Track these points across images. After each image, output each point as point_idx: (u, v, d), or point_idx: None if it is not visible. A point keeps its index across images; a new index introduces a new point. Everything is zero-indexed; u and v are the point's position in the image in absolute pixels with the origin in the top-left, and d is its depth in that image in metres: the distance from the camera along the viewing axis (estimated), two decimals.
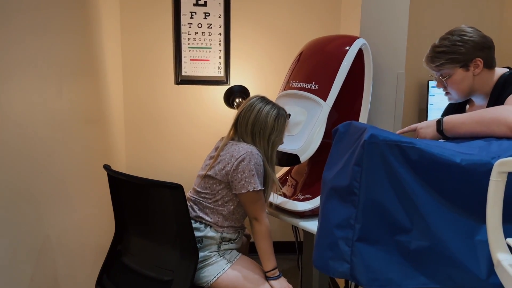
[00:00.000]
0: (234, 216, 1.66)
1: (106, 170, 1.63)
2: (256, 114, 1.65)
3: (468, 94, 1.51)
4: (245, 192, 1.58)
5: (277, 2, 2.86)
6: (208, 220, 1.63)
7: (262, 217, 1.64)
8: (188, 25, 2.80)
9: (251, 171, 1.57)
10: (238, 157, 1.57)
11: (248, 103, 1.69)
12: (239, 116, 1.69)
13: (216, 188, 1.62)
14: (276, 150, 1.71)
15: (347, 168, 1.13)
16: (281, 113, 1.69)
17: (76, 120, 1.85)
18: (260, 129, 1.64)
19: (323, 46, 1.90)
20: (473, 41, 1.42)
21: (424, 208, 1.06)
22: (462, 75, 1.46)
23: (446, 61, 1.45)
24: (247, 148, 1.60)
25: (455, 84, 1.48)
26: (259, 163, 1.60)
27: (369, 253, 1.08)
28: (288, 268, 2.86)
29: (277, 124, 1.66)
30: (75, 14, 1.86)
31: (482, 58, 1.43)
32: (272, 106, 1.68)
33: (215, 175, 1.61)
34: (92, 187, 2.05)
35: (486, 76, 1.46)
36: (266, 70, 2.91)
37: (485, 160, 1.05)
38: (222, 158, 1.63)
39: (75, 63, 1.85)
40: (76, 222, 1.83)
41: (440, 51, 1.47)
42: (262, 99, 1.70)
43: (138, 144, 2.89)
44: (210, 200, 1.64)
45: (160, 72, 2.84)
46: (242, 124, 1.67)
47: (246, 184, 1.57)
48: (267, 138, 1.66)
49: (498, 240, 0.82)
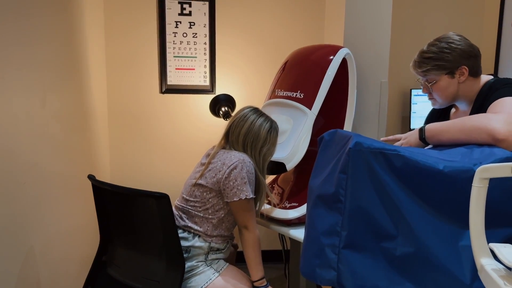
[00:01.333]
0: (224, 225, 1.65)
1: (90, 180, 1.61)
2: (249, 126, 1.65)
3: (452, 100, 1.54)
4: (237, 200, 1.57)
5: (262, 11, 2.88)
6: (197, 230, 1.62)
7: (252, 225, 1.63)
8: (173, 34, 2.80)
9: (243, 179, 1.57)
10: (230, 165, 1.57)
11: (241, 114, 1.69)
12: (231, 126, 1.69)
13: (206, 196, 1.61)
14: (267, 162, 1.72)
15: (332, 176, 1.14)
16: (274, 126, 1.70)
17: (60, 129, 1.83)
18: (253, 140, 1.65)
19: (308, 56, 1.92)
20: (460, 49, 1.44)
21: (409, 215, 1.07)
22: (448, 82, 1.48)
23: (433, 67, 1.47)
24: (239, 156, 1.60)
25: (440, 90, 1.51)
26: (251, 171, 1.61)
27: (356, 260, 1.09)
28: (275, 276, 2.85)
29: (269, 137, 1.67)
30: (58, 24, 1.85)
31: (468, 66, 1.45)
32: (266, 118, 1.69)
33: (206, 183, 1.61)
34: (76, 196, 2.02)
35: (471, 84, 1.49)
36: (252, 79, 2.92)
37: (467, 166, 1.07)
38: (213, 165, 1.62)
39: (59, 72, 1.84)
40: (60, 232, 1.81)
41: (427, 57, 1.49)
42: (255, 110, 1.71)
43: (123, 153, 2.87)
44: (200, 208, 1.63)
45: (145, 81, 2.83)
46: (234, 134, 1.67)
47: (238, 192, 1.56)
48: (258, 150, 1.66)
49: (481, 245, 0.84)
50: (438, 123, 1.41)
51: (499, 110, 1.27)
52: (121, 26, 2.76)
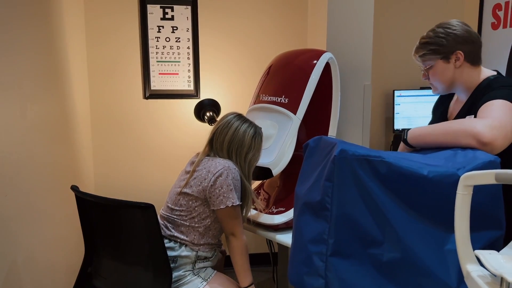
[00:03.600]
0: (211, 232, 1.64)
1: (73, 191, 1.58)
2: (233, 132, 1.64)
3: (450, 86, 1.53)
4: (223, 207, 1.56)
5: (245, 16, 2.87)
6: (183, 239, 1.60)
7: (239, 232, 1.63)
8: (155, 39, 2.77)
9: (229, 186, 1.56)
10: (215, 172, 1.56)
11: (225, 120, 1.68)
12: (215, 133, 1.68)
13: (192, 205, 1.60)
14: (253, 168, 1.71)
15: (318, 184, 1.14)
16: (258, 132, 1.69)
17: (42, 139, 1.80)
18: (237, 147, 1.64)
19: (292, 60, 1.92)
20: (455, 34, 1.45)
21: (394, 221, 1.08)
22: (443, 66, 1.49)
23: (428, 51, 1.49)
24: (224, 163, 1.59)
25: (436, 75, 1.51)
26: (237, 177, 1.60)
27: (343, 267, 1.09)
28: (263, 280, 2.85)
29: (254, 143, 1.66)
30: (38, 31, 1.82)
31: (464, 52, 1.45)
32: (250, 124, 1.67)
33: (192, 192, 1.59)
34: (60, 207, 1.99)
35: (468, 71, 1.49)
36: (237, 83, 2.91)
37: (451, 171, 1.08)
38: (198, 173, 1.60)
39: (39, 80, 1.80)
40: (44, 244, 1.77)
41: (424, 42, 1.51)
42: (239, 117, 1.69)
43: (107, 161, 2.83)
44: (186, 217, 1.61)
45: (128, 87, 2.80)
46: (218, 141, 1.66)
47: (225, 199, 1.55)
48: (244, 157, 1.65)
49: (467, 251, 0.84)
50: (422, 126, 1.42)
51: (486, 115, 1.28)
52: (102, 31, 2.73)
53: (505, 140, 1.22)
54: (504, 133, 1.21)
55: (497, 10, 2.74)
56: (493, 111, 1.28)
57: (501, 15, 2.71)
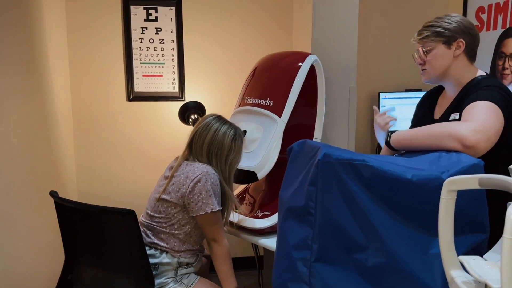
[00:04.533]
0: (192, 239, 1.61)
1: (52, 197, 1.54)
2: (213, 135, 1.61)
3: (443, 75, 1.52)
4: (202, 214, 1.53)
5: (231, 17, 2.85)
6: (164, 246, 1.57)
7: (221, 238, 1.60)
8: (139, 40, 2.74)
9: (208, 192, 1.53)
10: (194, 178, 1.53)
11: (204, 122, 1.64)
12: (194, 136, 1.64)
13: (171, 211, 1.57)
14: (234, 170, 1.68)
15: (302, 188, 1.12)
16: (238, 133, 1.66)
17: (20, 144, 1.75)
18: (217, 150, 1.61)
19: (277, 62, 1.91)
20: (461, 22, 1.48)
21: (378, 225, 1.07)
22: (443, 51, 1.48)
23: (432, 33, 1.49)
24: (203, 168, 1.56)
25: (434, 59, 1.50)
26: (216, 182, 1.57)
27: (327, 273, 1.08)
28: (249, 284, 2.82)
29: (234, 145, 1.63)
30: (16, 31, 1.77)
31: (466, 42, 1.47)
32: (229, 126, 1.64)
33: (170, 198, 1.56)
34: (40, 213, 1.94)
35: (463, 65, 1.49)
36: (222, 85, 2.89)
37: (435, 175, 1.08)
38: (176, 179, 1.57)
39: (18, 84, 1.75)
40: (23, 251, 1.72)
41: (428, 25, 1.52)
42: (218, 118, 1.66)
43: (90, 164, 2.78)
44: (165, 224, 1.58)
45: (111, 89, 2.75)
46: (198, 144, 1.62)
47: (204, 205, 1.52)
48: (224, 159, 1.62)
49: (451, 257, 0.83)
50: (406, 130, 1.42)
51: (470, 117, 1.28)
52: (85, 33, 2.68)
53: (488, 143, 1.22)
54: (487, 136, 1.22)
55: (480, 13, 2.77)
56: (477, 113, 1.28)
57: (484, 18, 2.74)
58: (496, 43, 2.64)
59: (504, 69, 2.60)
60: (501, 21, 2.60)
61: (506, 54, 2.57)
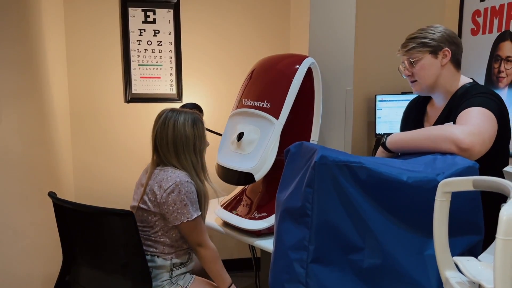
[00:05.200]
0: (181, 240, 1.60)
1: (51, 198, 1.54)
2: (173, 129, 1.56)
3: (432, 85, 1.53)
4: (179, 223, 1.51)
5: (228, 20, 2.87)
6: (154, 251, 1.56)
7: (205, 241, 1.57)
8: (137, 42, 2.74)
9: (182, 202, 1.49)
10: (167, 189, 1.49)
11: (160, 121, 1.59)
12: (156, 139, 1.59)
13: (152, 220, 1.55)
14: (204, 155, 1.64)
15: (299, 190, 1.13)
16: (197, 117, 1.61)
17: (18, 144, 1.75)
18: (183, 143, 1.56)
19: (274, 65, 1.92)
20: (444, 32, 1.50)
21: (375, 227, 1.08)
22: (431, 61, 1.49)
23: (418, 44, 1.50)
24: (175, 177, 1.51)
25: (423, 69, 1.51)
26: (190, 190, 1.52)
27: (324, 274, 1.09)
28: (246, 285, 2.83)
29: (197, 131, 1.59)
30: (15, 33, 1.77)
31: (451, 51, 1.48)
32: (185, 114, 1.59)
33: (148, 208, 1.54)
34: (38, 213, 1.94)
35: (450, 74, 1.51)
36: (220, 87, 2.90)
37: (431, 177, 1.09)
38: (150, 187, 1.54)
39: (16, 84, 1.76)
40: (21, 251, 1.72)
41: (413, 37, 1.52)
42: (171, 111, 1.61)
43: (87, 165, 2.78)
44: (149, 232, 1.56)
45: (108, 90, 2.76)
46: (163, 145, 1.57)
47: (179, 215, 1.50)
48: (192, 150, 1.58)
49: (445, 258, 0.84)
50: (402, 132, 1.43)
51: (465, 122, 1.30)
52: (83, 34, 2.68)
53: (482, 146, 1.24)
54: (482, 140, 1.24)
55: (477, 17, 2.79)
56: (472, 118, 1.30)
57: (480, 22, 2.76)
58: (492, 47, 2.66)
59: (499, 72, 2.62)
60: (497, 25, 2.63)
61: (502, 57, 2.59)
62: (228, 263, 3.05)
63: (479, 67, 2.73)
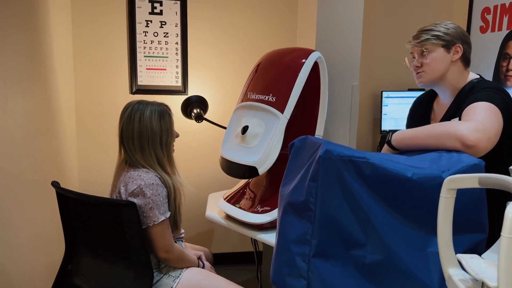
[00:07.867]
0: None
1: (54, 188, 1.55)
2: (139, 122, 1.50)
3: (438, 79, 1.52)
4: (145, 227, 1.46)
5: (235, 12, 2.85)
6: None
7: (172, 246, 1.52)
8: (143, 33, 2.74)
9: (147, 205, 1.44)
10: (131, 192, 1.45)
11: (126, 113, 1.53)
12: (122, 132, 1.53)
13: None
14: (172, 149, 1.59)
15: (303, 184, 1.13)
16: (164, 109, 1.55)
17: (23, 134, 1.76)
18: (148, 137, 1.50)
19: (280, 59, 1.91)
20: (458, 29, 1.51)
21: (378, 222, 1.07)
22: (443, 54, 1.49)
23: (432, 36, 1.49)
24: (139, 180, 1.46)
25: (434, 61, 1.50)
26: (156, 193, 1.46)
27: (326, 268, 1.08)
28: (247, 279, 2.84)
29: (164, 124, 1.53)
30: (22, 24, 1.77)
31: (463, 48, 1.49)
32: (152, 106, 1.54)
33: None
34: (42, 203, 1.95)
35: (459, 70, 1.51)
36: (225, 79, 2.89)
37: (436, 173, 1.08)
38: (117, 188, 1.51)
39: (23, 75, 1.76)
40: (24, 241, 1.73)
41: (427, 29, 1.52)
42: (138, 103, 1.56)
43: (92, 156, 2.79)
44: None
45: (114, 81, 2.76)
46: (129, 139, 1.51)
47: (145, 219, 1.45)
48: (158, 143, 1.52)
49: (449, 255, 0.84)
50: (407, 130, 1.42)
51: (470, 117, 1.29)
52: (89, 25, 2.68)
53: (488, 143, 1.23)
54: (487, 136, 1.22)
55: (486, 14, 2.76)
56: (477, 114, 1.29)
57: (489, 19, 2.73)
58: (501, 45, 2.63)
59: (508, 70, 2.59)
60: (507, 22, 2.60)
61: (511, 55, 2.56)
62: (230, 256, 3.07)
63: (487, 65, 2.71)
